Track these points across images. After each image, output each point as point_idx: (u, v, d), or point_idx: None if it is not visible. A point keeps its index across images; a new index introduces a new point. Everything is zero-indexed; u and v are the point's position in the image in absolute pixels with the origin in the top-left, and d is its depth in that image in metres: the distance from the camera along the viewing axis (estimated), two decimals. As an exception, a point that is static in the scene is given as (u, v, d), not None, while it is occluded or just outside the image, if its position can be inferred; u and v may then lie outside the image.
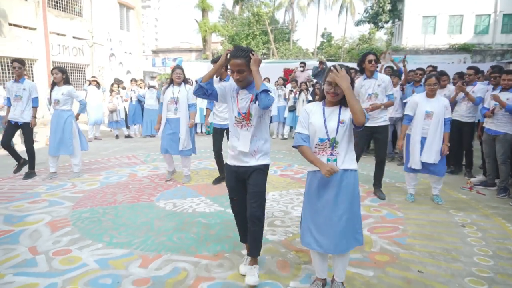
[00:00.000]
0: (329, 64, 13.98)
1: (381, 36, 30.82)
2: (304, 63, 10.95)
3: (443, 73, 5.73)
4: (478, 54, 18.19)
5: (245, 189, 2.52)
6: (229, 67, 2.39)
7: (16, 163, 5.42)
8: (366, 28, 30.57)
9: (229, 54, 2.36)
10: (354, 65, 10.18)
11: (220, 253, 2.96)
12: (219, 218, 3.74)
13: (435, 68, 6.53)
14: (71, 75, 14.26)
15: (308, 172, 2.34)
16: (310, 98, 8.66)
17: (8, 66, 11.39)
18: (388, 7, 21.75)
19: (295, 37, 38.46)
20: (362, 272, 2.68)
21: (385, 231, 3.47)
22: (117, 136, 9.44)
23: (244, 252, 2.94)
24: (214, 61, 4.53)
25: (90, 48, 15.31)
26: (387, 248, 3.10)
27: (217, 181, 5.03)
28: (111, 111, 9.15)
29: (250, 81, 2.41)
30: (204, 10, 21.94)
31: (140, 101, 9.58)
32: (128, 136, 9.49)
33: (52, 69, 5.29)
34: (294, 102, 9.06)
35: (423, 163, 4.18)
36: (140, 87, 9.83)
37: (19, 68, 5.18)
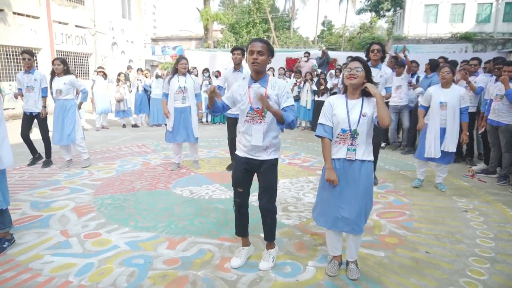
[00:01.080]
0: (331, 53, 14.06)
1: (381, 24, 30.65)
2: (308, 53, 11.04)
3: (455, 63, 5.91)
4: (479, 43, 18.25)
5: (251, 181, 2.64)
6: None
7: (32, 156, 5.60)
8: (367, 16, 30.52)
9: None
10: (355, 54, 10.31)
11: (241, 236, 3.16)
12: (235, 204, 3.94)
13: (446, 59, 6.67)
14: (75, 64, 14.31)
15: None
16: (314, 88, 8.80)
17: (13, 55, 11.45)
18: (390, -5, 21.69)
19: (295, 26, 38.32)
20: (374, 253, 2.89)
21: (393, 216, 3.69)
22: (124, 125, 9.60)
23: (262, 234, 3.16)
24: (234, 49, 4.69)
25: (93, 37, 15.31)
26: (396, 231, 3.32)
27: (230, 167, 5.23)
28: (118, 101, 9.29)
29: (264, 73, 2.47)
30: (206, -1, 21.83)
31: (146, 91, 9.71)
32: (135, 125, 9.65)
33: (54, 60, 5.32)
34: (299, 92, 9.20)
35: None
36: (146, 77, 9.93)
37: (28, 59, 5.25)
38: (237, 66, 4.79)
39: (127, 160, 5.91)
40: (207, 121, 10.38)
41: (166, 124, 9.46)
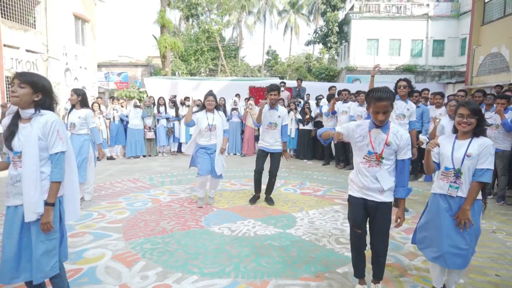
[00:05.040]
0: (290, 82, 14.58)
1: (324, 56, 32.81)
2: (284, 83, 11.39)
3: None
4: (420, 75, 20.36)
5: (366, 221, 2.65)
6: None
7: None
8: (310, 48, 32.52)
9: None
10: (331, 84, 10.81)
11: (320, 274, 3.09)
12: (286, 240, 3.85)
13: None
14: (24, 92, 13.06)
15: (433, 193, 2.63)
16: (299, 116, 9.06)
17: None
18: (336, 29, 23.41)
19: (241, 54, 39.41)
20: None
21: (438, 241, 3.87)
22: (98, 158, 8.86)
23: (340, 270, 3.13)
24: (271, 90, 4.75)
25: (45, 62, 14.20)
26: (453, 256, 3.48)
27: (253, 200, 5.15)
28: (94, 132, 8.61)
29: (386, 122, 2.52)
30: (164, 27, 21.57)
31: (122, 121, 9.18)
32: (110, 158, 8.99)
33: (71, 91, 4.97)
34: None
35: None
36: (122, 106, 9.42)
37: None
38: (273, 105, 4.88)
39: (131, 198, 5.47)
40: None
41: (144, 156, 9.09)
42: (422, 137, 6.30)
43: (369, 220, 2.65)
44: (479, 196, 2.53)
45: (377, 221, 2.57)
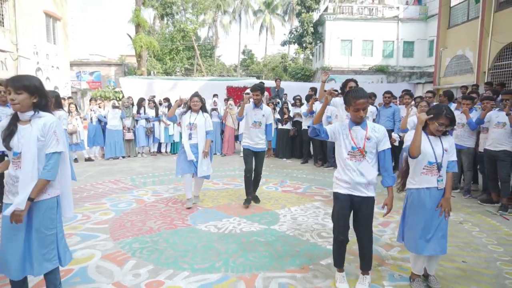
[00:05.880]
0: (268, 82, 14.82)
1: (299, 56, 33.32)
2: (263, 83, 11.51)
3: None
4: (391, 75, 21.16)
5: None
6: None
7: None
8: (286, 48, 32.97)
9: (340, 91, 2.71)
10: (312, 84, 11.09)
11: (305, 266, 3.29)
12: (271, 235, 4.02)
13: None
14: (-7, 92, 12.60)
15: (410, 189, 2.88)
16: (278, 116, 9.28)
17: None
18: (311, 30, 23.89)
19: (217, 54, 39.36)
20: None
21: (412, 233, 4.17)
22: (76, 160, 8.74)
23: (323, 262, 3.34)
24: (253, 89, 4.87)
25: (15, 62, 13.73)
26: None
27: (248, 202, 5.10)
28: (71, 133, 8.48)
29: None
30: (139, 26, 21.25)
31: (100, 122, 9.07)
32: (89, 159, 8.87)
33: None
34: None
35: None
36: (100, 107, 9.30)
37: (4, 92, 4.71)
38: (258, 104, 5.02)
39: (115, 199, 5.48)
40: (166, 151, 10.06)
41: (123, 157, 9.03)
42: (394, 135, 6.65)
43: (353, 215, 2.86)
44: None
45: (362, 215, 2.79)
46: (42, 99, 2.30)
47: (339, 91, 5.02)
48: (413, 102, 6.88)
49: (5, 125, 2.28)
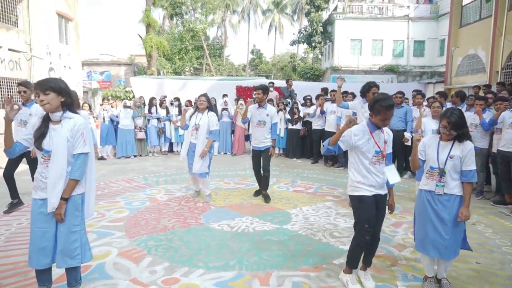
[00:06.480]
0: (278, 82, 14.88)
1: (309, 55, 33.23)
2: (273, 83, 11.59)
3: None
4: (402, 75, 21.00)
5: None
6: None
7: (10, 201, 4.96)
8: (295, 47, 32.94)
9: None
10: (323, 84, 11.09)
11: (318, 265, 3.32)
12: (284, 235, 4.06)
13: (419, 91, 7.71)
14: (8, 91, 12.85)
15: (420, 189, 2.90)
16: (288, 116, 9.30)
17: None
18: (320, 29, 23.82)
19: (225, 53, 39.48)
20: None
21: (424, 233, 4.17)
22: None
23: (336, 262, 3.37)
24: (258, 88, 4.95)
25: (28, 62, 13.97)
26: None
27: (257, 193, 5.53)
28: (84, 132, 8.62)
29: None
30: (149, 26, 21.44)
31: (113, 121, 9.20)
32: (101, 158, 9.01)
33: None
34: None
35: None
36: (112, 106, 9.44)
37: (24, 92, 4.82)
38: (261, 104, 5.09)
39: (128, 197, 5.57)
40: (177, 151, 10.15)
41: (135, 156, 9.16)
42: (406, 135, 6.64)
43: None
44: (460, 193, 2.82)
45: (380, 212, 2.85)
46: (68, 98, 2.41)
47: (353, 94, 5.06)
48: (425, 103, 6.86)
49: (37, 126, 2.39)
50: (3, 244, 3.78)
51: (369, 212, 2.78)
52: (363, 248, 2.88)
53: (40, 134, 2.37)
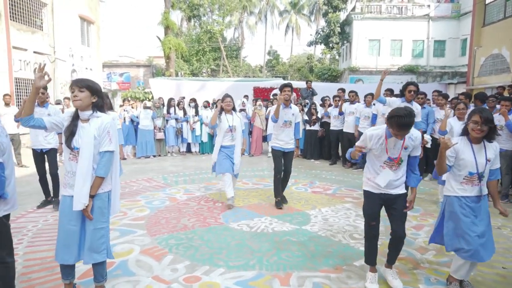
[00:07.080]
0: (296, 83, 14.83)
1: (326, 56, 33.01)
2: (291, 84, 11.52)
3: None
4: (422, 75, 20.62)
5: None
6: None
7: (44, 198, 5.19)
8: (311, 48, 32.78)
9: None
10: (341, 85, 11.06)
11: (338, 266, 3.30)
12: (303, 235, 4.06)
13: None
14: (33, 93, 13.28)
15: (449, 196, 2.84)
16: (306, 117, 9.27)
17: (-31, 83, 10.35)
18: (338, 30, 23.64)
19: (242, 54, 39.63)
20: (464, 272, 3.21)
21: (447, 237, 4.09)
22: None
23: (357, 263, 3.34)
24: (284, 86, 4.94)
25: (52, 64, 14.40)
26: (462, 251, 3.70)
27: (279, 204, 5.09)
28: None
29: None
30: (168, 28, 21.77)
31: (133, 122, 9.38)
32: (121, 158, 9.19)
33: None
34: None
35: None
36: (133, 107, 9.62)
37: (42, 93, 4.98)
38: (287, 102, 5.02)
39: (149, 196, 5.68)
40: (195, 151, 10.26)
41: (154, 156, 9.30)
42: (426, 137, 6.51)
43: (387, 210, 2.91)
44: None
45: (396, 208, 2.83)
46: (100, 100, 2.49)
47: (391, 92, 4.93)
48: (448, 104, 6.72)
49: (66, 124, 2.47)
50: (31, 240, 3.92)
51: (371, 208, 2.85)
52: (371, 242, 2.91)
53: (70, 133, 2.45)
